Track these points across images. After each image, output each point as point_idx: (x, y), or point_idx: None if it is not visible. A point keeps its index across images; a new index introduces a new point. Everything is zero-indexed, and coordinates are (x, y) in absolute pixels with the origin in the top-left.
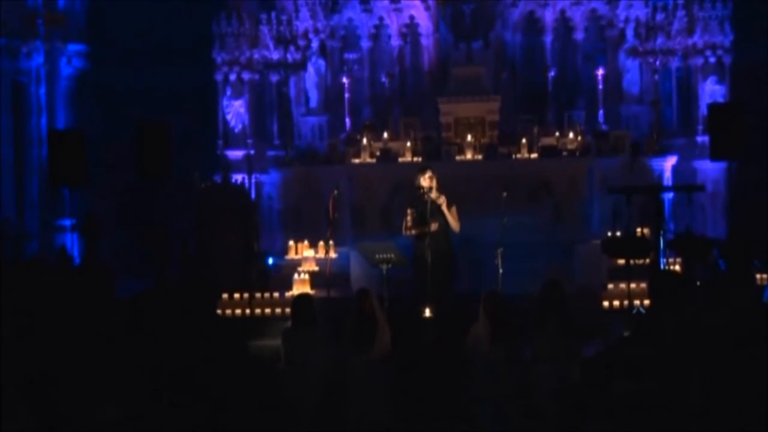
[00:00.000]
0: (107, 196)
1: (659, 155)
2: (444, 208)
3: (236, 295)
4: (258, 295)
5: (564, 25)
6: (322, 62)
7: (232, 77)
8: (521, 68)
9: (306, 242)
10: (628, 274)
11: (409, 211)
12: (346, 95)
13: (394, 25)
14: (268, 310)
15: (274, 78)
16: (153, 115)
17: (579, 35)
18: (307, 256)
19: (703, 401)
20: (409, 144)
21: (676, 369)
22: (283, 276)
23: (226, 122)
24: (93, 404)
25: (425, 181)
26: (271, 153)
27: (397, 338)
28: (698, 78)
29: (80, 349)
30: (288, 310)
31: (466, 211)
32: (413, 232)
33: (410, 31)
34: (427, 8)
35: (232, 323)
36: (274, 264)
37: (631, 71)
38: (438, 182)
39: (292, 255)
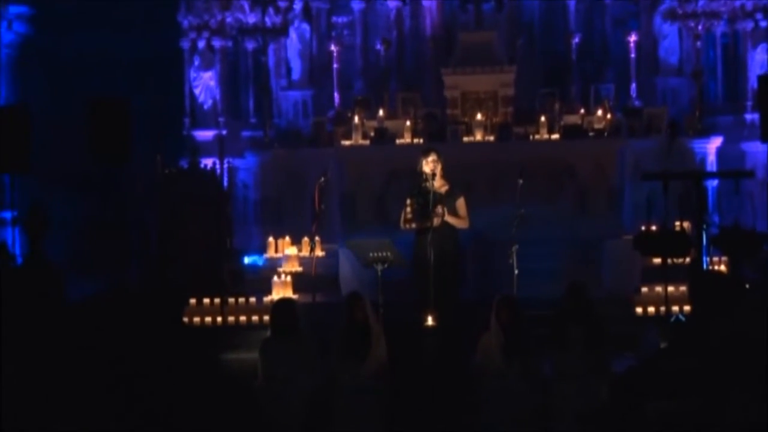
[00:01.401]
0: (55, 183)
1: (701, 136)
2: (444, 211)
3: (206, 301)
4: (231, 300)
5: None
6: (306, 27)
7: (201, 45)
8: (540, 34)
9: (287, 238)
10: (665, 275)
11: (408, 201)
12: (335, 66)
13: None
14: (243, 318)
15: (250, 45)
16: (109, 90)
17: None
18: (289, 254)
19: (752, 424)
20: (408, 123)
21: (722, 387)
22: (261, 278)
23: (193, 98)
24: (37, 425)
25: (428, 165)
26: (246, 133)
27: (393, 351)
28: (747, 45)
29: (22, 363)
30: (266, 317)
31: (475, 202)
32: (413, 226)
33: None
34: None
35: (202, 333)
36: (250, 264)
37: (669, 37)
38: (443, 167)
39: (271, 253)
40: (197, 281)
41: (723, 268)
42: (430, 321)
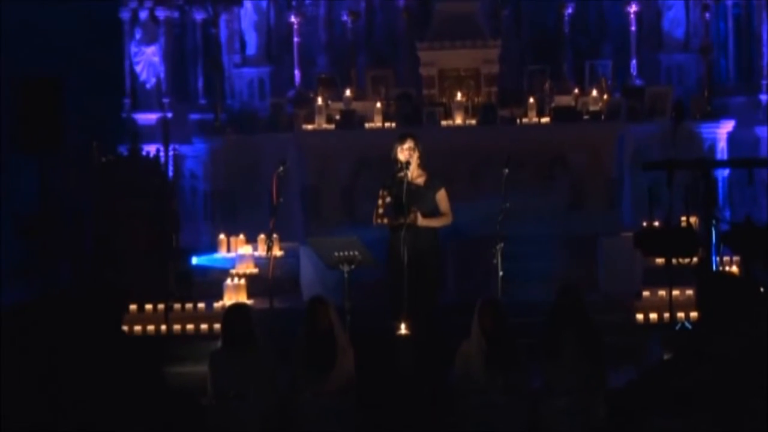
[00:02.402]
0: None
1: (711, 119)
2: (417, 215)
3: (148, 307)
4: (177, 306)
5: None
6: None
7: (143, 15)
8: (528, 4)
9: (242, 236)
10: (669, 277)
11: (381, 194)
12: (295, 39)
13: None
14: (190, 327)
15: (199, 16)
16: (37, 67)
17: None
18: (244, 254)
19: None
20: (378, 105)
21: (733, 402)
22: (212, 281)
23: (134, 76)
24: None
25: (402, 153)
26: (194, 116)
27: (362, 363)
28: (762, 17)
29: None
30: (217, 326)
31: (455, 195)
32: (385, 221)
33: None
34: None
35: (143, 344)
36: (199, 265)
37: (674, 8)
38: (420, 156)
39: (223, 253)
40: (138, 284)
41: (734, 269)
42: (403, 329)
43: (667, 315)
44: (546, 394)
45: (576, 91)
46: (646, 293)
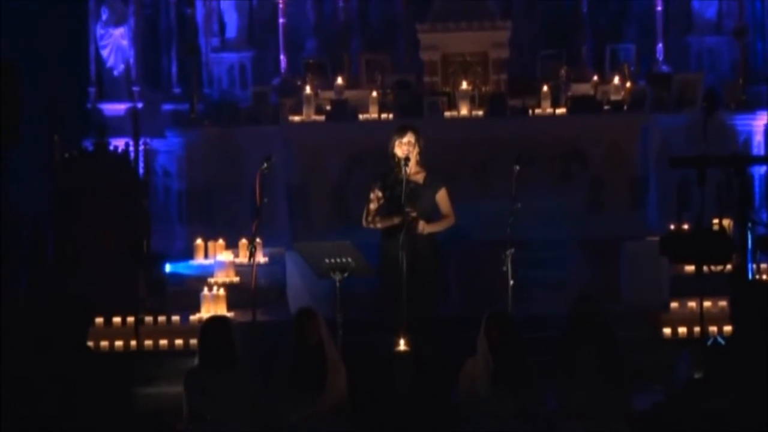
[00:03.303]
0: None
1: (746, 110)
2: (422, 225)
3: (116, 320)
4: (149, 319)
5: None
6: None
7: None
8: None
9: (221, 241)
10: (700, 286)
11: (372, 195)
12: (281, 21)
13: None
14: (163, 342)
15: None
16: None
17: None
18: (223, 260)
19: None
20: (374, 94)
21: None
22: (187, 291)
23: (100, 61)
24: None
25: (401, 147)
26: (168, 107)
27: (355, 383)
28: None
29: None
30: (194, 341)
31: (460, 195)
32: (379, 225)
33: None
34: None
35: (111, 361)
36: (173, 273)
37: None
38: (420, 151)
39: (200, 259)
40: (105, 295)
41: None
42: (402, 345)
43: (697, 329)
44: (561, 418)
45: (595, 78)
46: (674, 304)
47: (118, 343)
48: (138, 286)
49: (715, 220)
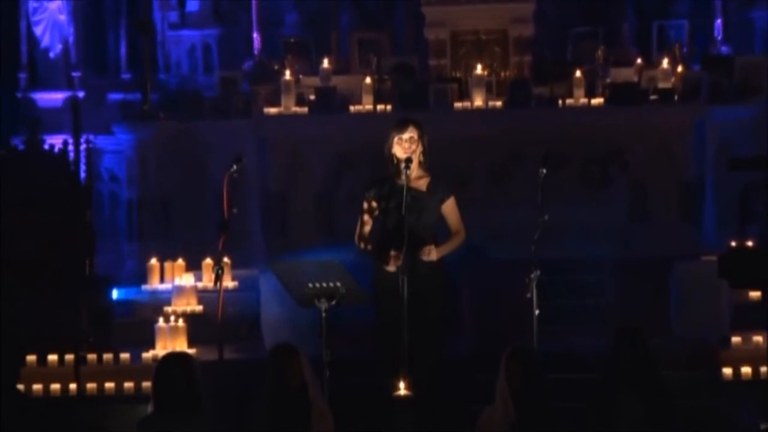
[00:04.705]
0: None
1: None
2: (434, 251)
3: (52, 357)
4: (92, 356)
5: None
6: None
7: None
8: None
9: (180, 261)
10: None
11: (366, 205)
12: None
13: None
14: (109, 385)
15: None
16: None
17: None
18: (183, 285)
19: None
20: (368, 80)
21: None
22: (139, 322)
23: (33, 41)
24: None
25: (401, 145)
26: (115, 96)
27: None
28: None
29: None
30: (147, 384)
31: (473, 203)
32: (369, 248)
33: None
34: None
35: (46, 408)
36: (121, 300)
37: None
38: (425, 150)
39: (154, 283)
40: (39, 327)
41: None
42: (402, 389)
43: (764, 369)
44: None
45: (639, 61)
46: (736, 339)
47: (55, 387)
48: (79, 317)
49: None
